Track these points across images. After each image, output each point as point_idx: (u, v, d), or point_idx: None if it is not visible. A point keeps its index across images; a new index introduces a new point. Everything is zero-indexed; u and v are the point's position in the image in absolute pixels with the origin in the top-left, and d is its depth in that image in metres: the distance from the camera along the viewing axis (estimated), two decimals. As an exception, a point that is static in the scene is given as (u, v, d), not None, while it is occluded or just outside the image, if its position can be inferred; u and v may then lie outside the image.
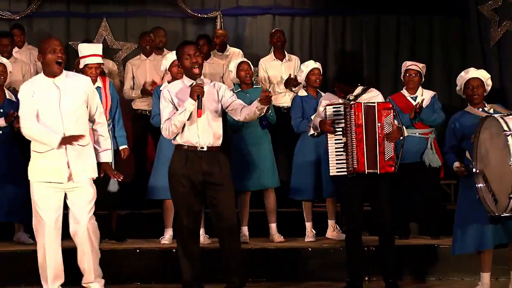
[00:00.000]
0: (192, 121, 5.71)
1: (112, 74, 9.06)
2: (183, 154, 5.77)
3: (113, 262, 6.75)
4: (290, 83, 8.56)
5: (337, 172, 6.13)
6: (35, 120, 5.61)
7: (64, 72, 5.75)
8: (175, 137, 5.80)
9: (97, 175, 5.84)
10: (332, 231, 7.60)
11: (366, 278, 6.86)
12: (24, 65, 8.66)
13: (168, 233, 7.31)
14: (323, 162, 7.26)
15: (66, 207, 5.77)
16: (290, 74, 8.65)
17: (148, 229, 7.73)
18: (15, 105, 7.29)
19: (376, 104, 6.06)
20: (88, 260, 5.77)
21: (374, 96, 6.26)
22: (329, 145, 6.16)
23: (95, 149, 5.87)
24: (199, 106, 5.63)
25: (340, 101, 6.22)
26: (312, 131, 6.39)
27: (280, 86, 8.77)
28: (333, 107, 6.15)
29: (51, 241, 5.70)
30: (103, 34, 10.27)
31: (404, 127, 6.23)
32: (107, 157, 5.92)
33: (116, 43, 10.28)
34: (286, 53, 9.13)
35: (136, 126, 8.71)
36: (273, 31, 9.36)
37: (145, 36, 9.04)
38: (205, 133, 5.74)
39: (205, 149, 5.74)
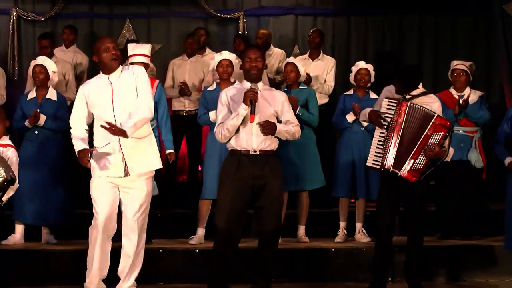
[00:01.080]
0: (246, 125, 5.72)
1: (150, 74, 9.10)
2: (236, 158, 5.77)
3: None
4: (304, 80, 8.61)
5: (372, 164, 6.13)
6: (80, 125, 5.81)
7: (120, 67, 5.85)
8: (228, 141, 5.80)
9: (158, 167, 5.92)
10: (358, 233, 7.60)
11: (390, 279, 6.83)
12: (65, 64, 8.69)
13: (199, 233, 7.32)
14: (360, 162, 7.36)
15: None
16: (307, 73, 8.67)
17: (173, 229, 7.74)
18: (54, 104, 7.36)
19: (435, 116, 5.96)
20: (129, 267, 5.85)
21: (430, 102, 6.12)
22: (374, 136, 6.17)
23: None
24: (252, 112, 5.63)
25: (397, 96, 6.20)
26: (362, 118, 6.44)
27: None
28: (388, 101, 6.13)
29: (102, 235, 5.78)
30: (126, 35, 10.31)
31: (450, 149, 6.11)
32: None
33: (139, 44, 10.33)
34: (321, 53, 9.09)
35: (172, 127, 8.71)
36: (311, 31, 9.33)
37: (187, 38, 9.04)
38: (259, 137, 5.73)
39: (258, 153, 5.74)
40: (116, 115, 5.71)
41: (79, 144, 5.75)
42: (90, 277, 5.86)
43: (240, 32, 10.23)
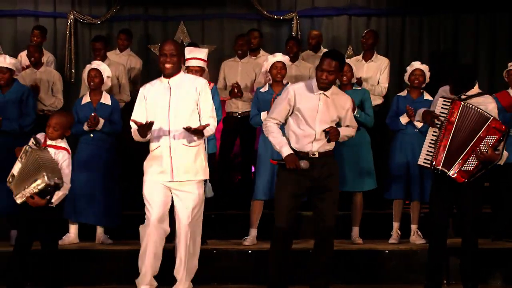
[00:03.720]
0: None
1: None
2: None
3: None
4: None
5: (423, 162, 6.06)
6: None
7: (182, 73, 5.95)
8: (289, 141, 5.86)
9: (204, 178, 5.96)
10: (413, 235, 7.51)
11: (445, 282, 6.76)
12: (118, 67, 8.76)
13: (252, 234, 7.34)
14: (413, 165, 7.30)
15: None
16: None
17: (227, 230, 7.77)
18: (108, 108, 7.45)
19: (491, 118, 5.85)
20: (182, 268, 5.91)
21: (485, 102, 6.00)
22: (427, 135, 6.11)
23: None
24: (282, 164, 5.79)
25: (452, 96, 6.12)
26: (417, 118, 6.41)
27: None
28: (444, 100, 6.07)
29: (153, 236, 5.84)
30: (181, 37, 10.39)
31: (504, 153, 5.98)
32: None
33: (193, 46, 10.39)
34: (375, 54, 8.98)
35: (225, 128, 8.76)
36: (365, 32, 9.25)
37: (237, 39, 9.06)
38: (319, 141, 5.79)
39: (317, 155, 5.78)
40: (171, 119, 5.78)
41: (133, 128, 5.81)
42: (142, 274, 5.92)
43: (293, 34, 10.24)
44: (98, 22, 10.37)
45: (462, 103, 5.94)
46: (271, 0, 10.55)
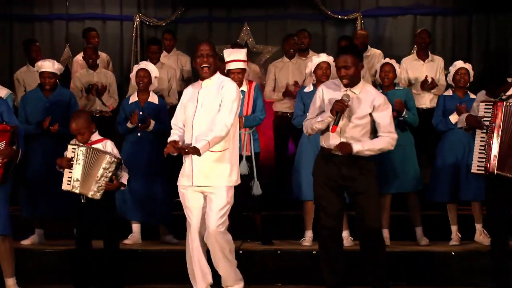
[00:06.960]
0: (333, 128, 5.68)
1: (255, 77, 9.17)
2: (325, 156, 5.77)
3: (254, 263, 6.86)
4: (425, 85, 8.44)
5: (477, 170, 5.97)
6: (176, 126, 5.95)
7: (217, 75, 5.89)
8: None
9: (225, 184, 5.79)
10: (479, 235, 7.40)
11: (513, 284, 6.65)
12: (170, 70, 8.92)
13: (308, 235, 7.34)
14: (462, 164, 7.19)
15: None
16: (426, 76, 8.52)
17: (290, 230, 7.74)
18: (156, 107, 7.51)
19: None
20: (221, 267, 5.89)
21: None
22: (475, 142, 6.02)
23: None
24: (335, 122, 5.60)
25: (492, 99, 6.03)
26: (460, 125, 6.27)
27: (417, 87, 8.63)
28: (485, 104, 5.99)
29: (195, 241, 5.88)
30: (244, 38, 10.45)
31: None
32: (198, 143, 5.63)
33: (257, 47, 10.44)
34: (430, 53, 8.95)
35: (277, 128, 8.80)
36: (419, 31, 9.18)
37: (289, 39, 9.09)
38: (347, 139, 5.68)
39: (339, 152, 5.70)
40: (195, 123, 5.76)
41: (172, 137, 5.87)
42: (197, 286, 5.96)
43: (359, 32, 10.19)
44: (163, 24, 10.51)
45: (504, 103, 5.85)
46: (335, 0, 10.53)
